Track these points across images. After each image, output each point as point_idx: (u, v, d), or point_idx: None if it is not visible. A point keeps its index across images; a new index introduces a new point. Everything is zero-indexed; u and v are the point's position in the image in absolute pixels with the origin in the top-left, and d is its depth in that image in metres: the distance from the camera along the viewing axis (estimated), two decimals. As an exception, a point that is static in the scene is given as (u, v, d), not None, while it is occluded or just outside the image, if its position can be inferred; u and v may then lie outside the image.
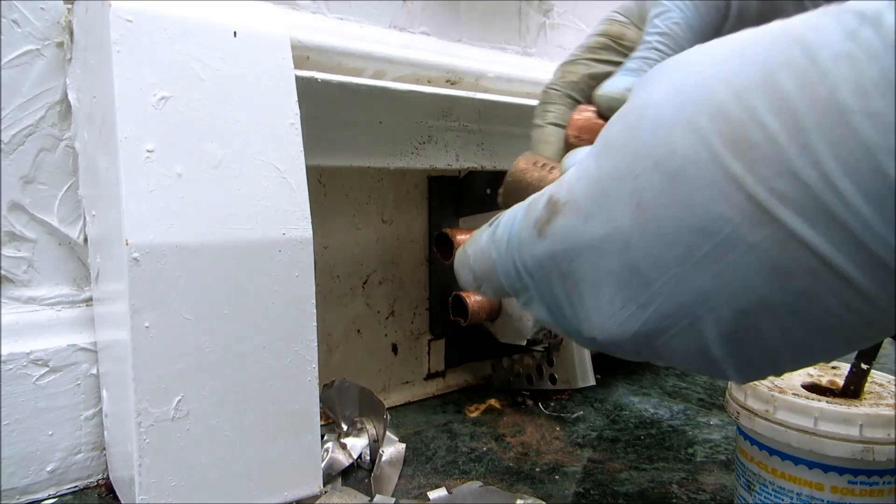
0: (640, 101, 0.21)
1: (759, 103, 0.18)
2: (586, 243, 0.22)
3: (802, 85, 0.17)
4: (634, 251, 0.21)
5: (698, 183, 0.19)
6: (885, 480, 0.33)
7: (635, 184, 0.20)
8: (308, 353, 0.39)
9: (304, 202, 0.40)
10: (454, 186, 0.66)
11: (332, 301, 0.60)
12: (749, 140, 0.18)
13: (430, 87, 0.52)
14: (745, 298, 0.19)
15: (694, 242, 0.19)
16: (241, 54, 0.38)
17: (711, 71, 0.19)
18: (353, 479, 0.47)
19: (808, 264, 0.18)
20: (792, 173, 0.17)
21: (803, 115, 0.17)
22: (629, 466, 0.50)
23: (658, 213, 0.20)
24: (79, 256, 0.46)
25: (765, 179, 0.18)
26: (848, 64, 0.17)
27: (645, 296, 0.21)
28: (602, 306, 0.23)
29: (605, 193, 0.22)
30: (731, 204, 0.18)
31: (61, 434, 0.44)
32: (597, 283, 0.23)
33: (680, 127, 0.19)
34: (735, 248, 0.19)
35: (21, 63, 0.43)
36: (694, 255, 0.20)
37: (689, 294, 0.20)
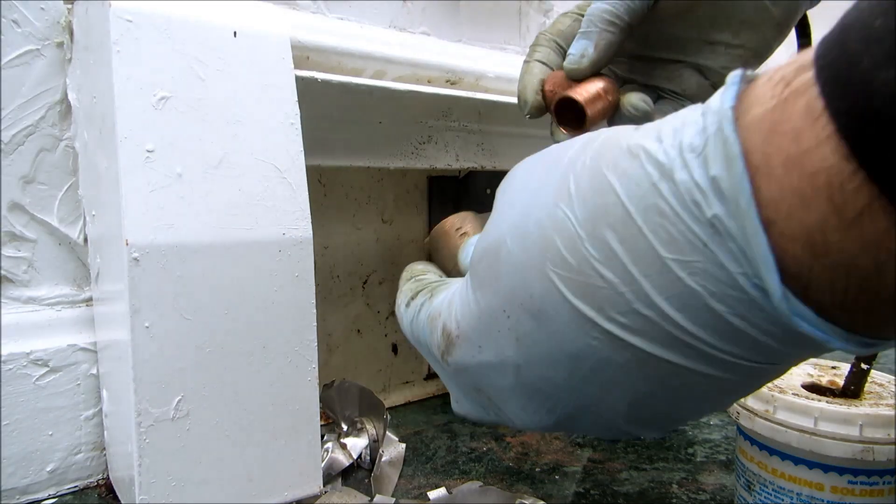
0: (494, 238, 0.24)
1: (592, 253, 0.20)
2: (485, 368, 0.25)
3: (623, 240, 0.19)
4: (526, 374, 0.23)
5: (559, 322, 0.21)
6: (885, 480, 0.33)
7: (509, 322, 0.23)
8: (308, 353, 0.39)
9: (304, 202, 0.40)
10: (454, 186, 0.66)
11: (332, 301, 0.60)
12: (591, 286, 0.20)
13: (430, 87, 0.52)
14: (633, 395, 0.22)
15: (574, 366, 0.22)
16: (241, 54, 0.38)
17: (546, 213, 0.22)
18: (353, 479, 0.47)
19: (673, 371, 0.20)
20: (635, 312, 0.20)
21: (631, 267, 0.19)
22: (629, 466, 0.50)
23: (535, 346, 0.23)
24: (79, 256, 0.46)
25: (613, 318, 0.20)
26: (658, 217, 0.19)
27: (548, 404, 0.24)
28: (517, 412, 0.25)
29: (487, 329, 0.24)
30: (592, 337, 0.21)
31: (61, 434, 0.44)
32: (505, 396, 0.25)
33: (532, 273, 0.22)
34: (608, 367, 0.21)
35: (21, 63, 0.43)
36: (577, 375, 0.22)
37: (586, 398, 0.23)
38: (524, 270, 0.22)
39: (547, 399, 0.24)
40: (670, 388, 0.21)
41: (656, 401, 0.22)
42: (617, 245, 0.20)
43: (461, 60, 0.56)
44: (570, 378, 0.22)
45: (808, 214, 0.17)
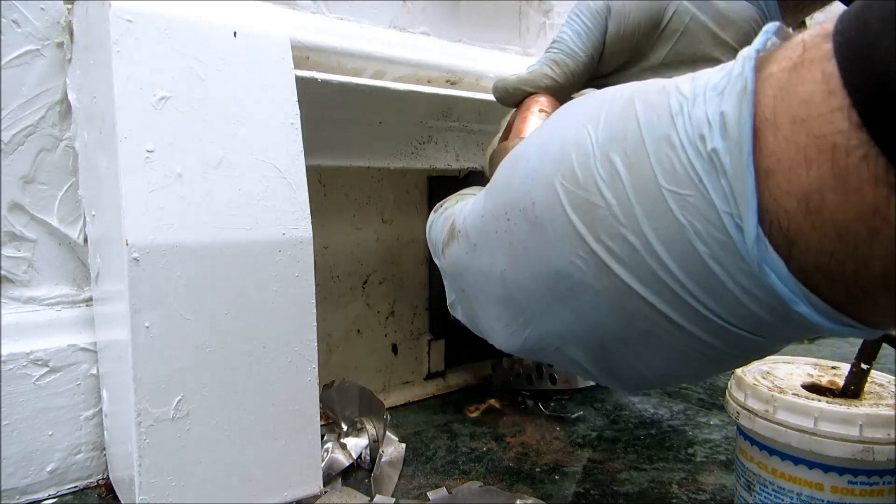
0: (521, 150, 0.24)
1: (600, 173, 0.21)
2: (474, 269, 0.26)
3: (631, 164, 0.20)
4: (510, 282, 0.24)
5: (552, 233, 0.22)
6: (885, 480, 0.33)
7: (507, 225, 0.24)
8: (308, 353, 0.39)
9: (304, 202, 0.40)
10: (454, 186, 0.65)
11: (332, 301, 0.60)
12: (591, 203, 0.21)
13: (430, 87, 0.52)
14: (601, 332, 0.22)
15: (554, 282, 0.22)
16: (241, 54, 0.38)
17: (574, 132, 0.22)
18: (353, 479, 0.47)
19: (644, 312, 0.21)
20: (622, 237, 0.20)
21: (630, 192, 0.20)
22: (629, 466, 0.50)
23: (524, 253, 0.23)
24: (79, 256, 0.46)
25: (602, 239, 0.21)
26: (667, 148, 0.19)
27: (522, 318, 0.25)
28: (493, 322, 0.26)
29: (486, 228, 0.25)
30: (578, 256, 0.21)
31: (61, 434, 0.44)
32: (486, 302, 0.26)
33: (541, 182, 0.22)
34: (585, 291, 0.22)
35: (21, 63, 0.43)
36: (554, 292, 0.23)
37: (556, 323, 0.23)
38: (535, 178, 0.23)
39: (521, 312, 0.24)
40: (639, 333, 0.21)
41: (621, 344, 0.22)
42: (623, 168, 0.20)
43: (461, 60, 0.56)
44: (547, 294, 0.23)
45: (808, 173, 0.17)
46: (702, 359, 0.22)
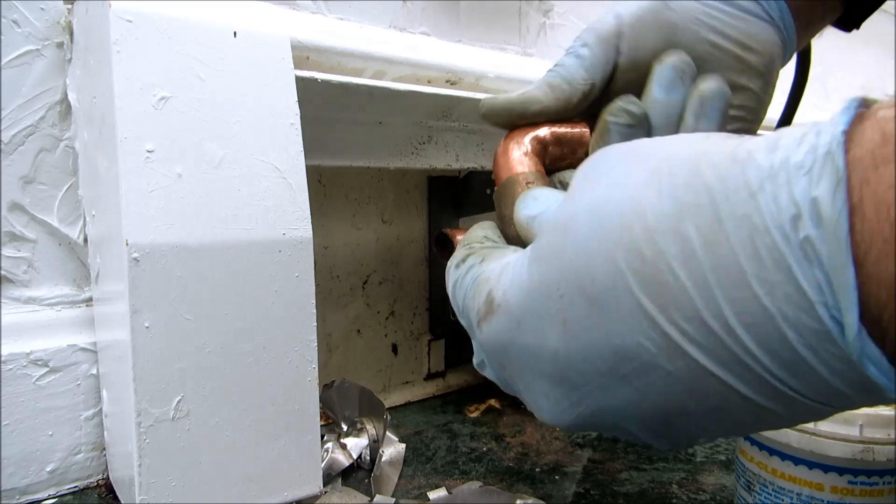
0: (567, 216, 0.23)
1: (670, 250, 0.19)
2: (518, 346, 0.24)
3: (707, 243, 0.19)
4: (563, 362, 0.22)
5: (616, 313, 0.20)
6: (885, 480, 0.33)
7: (560, 302, 0.22)
8: (308, 353, 0.39)
9: (304, 202, 0.40)
10: (454, 186, 0.65)
11: (332, 301, 0.60)
12: (661, 283, 0.19)
13: (430, 87, 0.52)
14: (666, 407, 0.21)
15: (616, 363, 0.21)
16: (241, 54, 0.38)
17: (630, 199, 0.21)
18: (353, 479, 0.47)
19: (719, 391, 0.20)
20: (700, 320, 0.19)
21: (708, 273, 0.19)
22: (629, 466, 0.50)
23: (582, 333, 0.21)
24: (79, 256, 0.46)
25: (675, 321, 0.19)
26: (749, 230, 0.18)
27: (575, 396, 0.23)
28: (539, 397, 0.24)
29: (534, 305, 0.23)
30: (647, 337, 0.20)
31: (61, 434, 0.44)
32: (531, 378, 0.24)
33: (600, 257, 0.21)
34: (654, 372, 0.20)
35: (21, 63, 0.43)
36: (616, 372, 0.21)
37: (615, 400, 0.22)
38: (592, 252, 0.21)
39: (574, 391, 0.23)
40: (708, 408, 0.21)
41: (686, 417, 0.21)
42: (699, 247, 0.19)
43: (461, 60, 0.56)
44: (607, 374, 0.21)
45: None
46: (759, 423, 0.21)
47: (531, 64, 0.65)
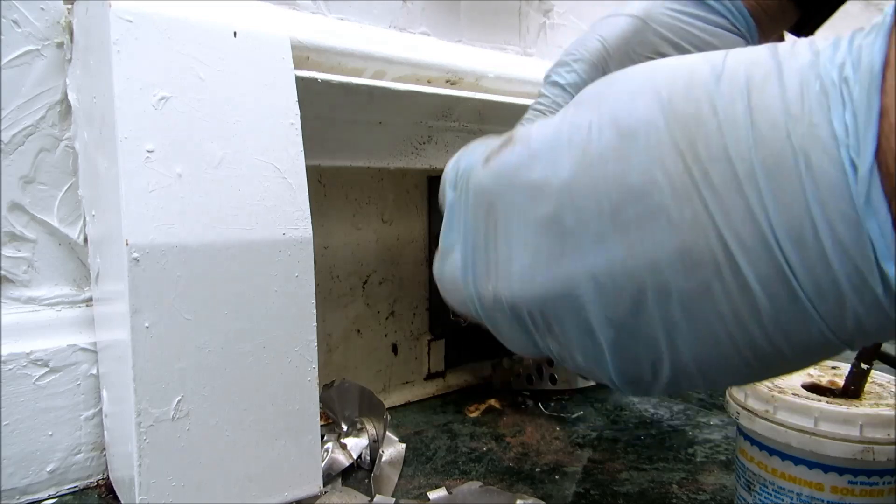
0: (617, 73, 0.22)
1: (718, 101, 0.19)
2: (522, 181, 0.22)
3: (756, 87, 0.19)
4: (566, 197, 0.21)
5: (644, 144, 0.19)
6: (885, 480, 0.33)
7: (589, 134, 0.21)
8: (308, 353, 0.39)
9: (304, 202, 0.40)
10: (454, 186, 0.65)
11: (332, 301, 0.60)
12: (699, 117, 0.19)
13: (430, 87, 0.52)
14: (647, 278, 0.20)
15: (621, 203, 0.20)
16: (241, 54, 0.38)
17: (682, 64, 0.21)
18: (353, 479, 0.47)
19: (714, 257, 0.19)
20: (727, 159, 0.18)
21: (744, 113, 0.18)
22: (629, 466, 0.50)
23: (599, 164, 0.20)
24: (79, 256, 0.46)
25: (700, 159, 0.19)
26: (799, 76, 0.18)
27: (560, 247, 0.21)
28: (514, 254, 0.23)
29: (557, 138, 0.22)
30: (666, 173, 0.19)
31: (61, 434, 0.44)
32: (518, 226, 0.22)
33: (646, 94, 0.20)
34: (657, 219, 0.19)
35: (21, 63, 0.43)
36: (619, 216, 0.20)
37: (599, 258, 0.20)
38: (638, 91, 0.21)
39: (564, 238, 0.21)
40: (692, 288, 0.19)
41: (663, 306, 0.20)
42: (745, 91, 0.19)
43: (461, 60, 0.56)
44: (608, 218, 0.20)
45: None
46: (730, 345, 0.20)
47: (531, 64, 0.65)
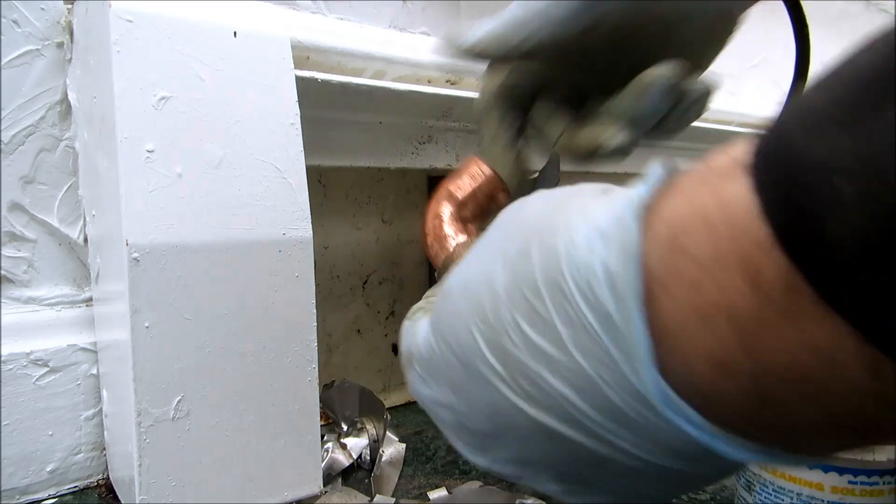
0: (447, 287, 0.25)
1: (508, 317, 0.20)
2: (427, 398, 0.26)
3: (532, 309, 0.20)
4: (458, 414, 0.24)
5: (481, 374, 0.22)
6: (885, 480, 0.33)
7: (446, 361, 0.24)
8: (308, 353, 0.39)
9: (304, 202, 0.40)
10: (454, 186, 0.65)
11: (332, 301, 0.60)
12: (504, 348, 0.20)
13: (430, 87, 0.52)
14: (551, 460, 0.22)
15: (493, 416, 0.22)
16: (241, 54, 0.38)
17: (484, 270, 0.22)
18: (353, 479, 0.47)
19: (581, 447, 0.20)
20: (538, 385, 0.20)
21: (537, 339, 0.19)
22: (629, 466, 0.50)
23: (463, 389, 0.23)
24: (79, 256, 0.46)
25: (519, 382, 0.20)
26: (560, 295, 0.19)
27: (478, 445, 0.24)
28: (461, 445, 0.26)
29: (432, 364, 0.25)
30: (502, 396, 0.21)
31: (61, 434, 0.44)
32: (443, 425, 0.26)
33: (462, 324, 0.22)
34: (519, 428, 0.21)
35: (21, 63, 0.43)
36: (497, 424, 0.22)
37: (510, 451, 0.23)
38: (458, 320, 0.23)
39: (475, 439, 0.24)
40: (587, 464, 0.20)
41: (579, 470, 0.21)
42: (527, 315, 0.20)
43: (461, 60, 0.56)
44: (493, 426, 0.22)
45: (707, 335, 0.16)
46: (661, 481, 0.21)
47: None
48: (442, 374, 0.24)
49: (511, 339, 0.20)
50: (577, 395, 0.19)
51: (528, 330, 0.20)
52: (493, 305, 0.21)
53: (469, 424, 0.24)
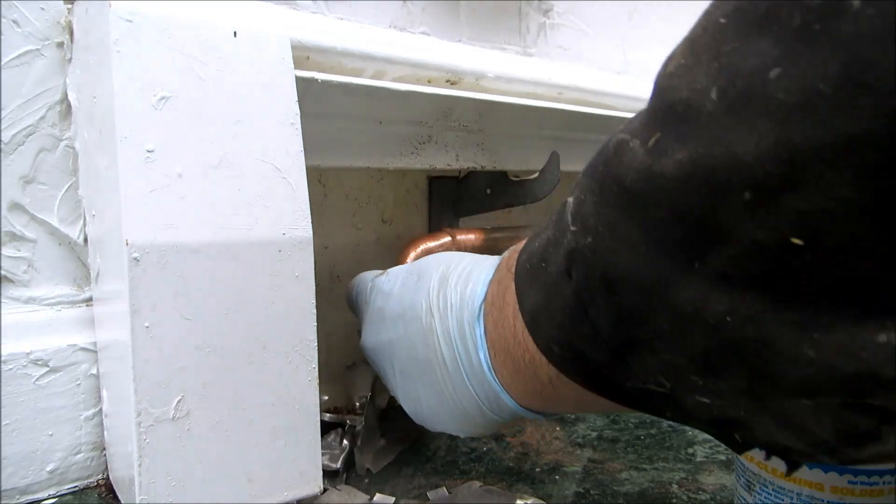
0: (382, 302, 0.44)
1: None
2: (378, 289, 0.45)
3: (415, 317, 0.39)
4: (390, 309, 0.42)
5: (412, 316, 0.40)
6: (884, 480, 0.33)
7: (395, 286, 0.43)
8: (308, 353, 0.39)
9: (304, 202, 0.40)
10: (454, 186, 0.65)
11: (332, 301, 0.60)
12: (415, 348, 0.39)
13: (430, 87, 0.52)
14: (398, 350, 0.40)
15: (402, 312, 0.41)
16: (241, 54, 0.38)
17: (394, 306, 0.42)
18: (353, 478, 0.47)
19: (425, 347, 0.38)
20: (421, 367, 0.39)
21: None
22: (629, 466, 0.50)
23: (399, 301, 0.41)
24: (79, 256, 0.46)
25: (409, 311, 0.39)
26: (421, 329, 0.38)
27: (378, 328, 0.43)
28: (364, 327, 0.46)
29: (391, 288, 0.43)
30: (416, 313, 0.39)
31: (61, 434, 0.44)
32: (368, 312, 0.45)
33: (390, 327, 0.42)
34: (406, 324, 0.40)
35: (21, 63, 0.43)
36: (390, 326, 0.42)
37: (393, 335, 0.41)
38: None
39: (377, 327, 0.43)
40: (434, 407, 0.38)
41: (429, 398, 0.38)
42: (426, 336, 0.38)
43: (461, 60, 0.56)
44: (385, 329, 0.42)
45: (506, 365, 0.33)
46: (453, 410, 0.37)
47: (531, 64, 0.65)
48: (379, 330, 0.42)
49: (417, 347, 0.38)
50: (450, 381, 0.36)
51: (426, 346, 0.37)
52: (411, 326, 0.38)
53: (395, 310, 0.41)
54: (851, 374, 0.17)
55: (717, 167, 0.18)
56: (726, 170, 0.18)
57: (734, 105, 0.17)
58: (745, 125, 0.17)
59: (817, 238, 0.17)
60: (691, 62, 0.19)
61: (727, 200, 0.18)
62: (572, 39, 0.76)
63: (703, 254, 0.19)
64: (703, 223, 0.19)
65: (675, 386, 0.23)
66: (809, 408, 0.19)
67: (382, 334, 0.41)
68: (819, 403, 0.19)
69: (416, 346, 0.37)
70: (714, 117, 0.18)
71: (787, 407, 0.20)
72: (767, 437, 0.22)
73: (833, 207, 0.16)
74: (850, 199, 0.16)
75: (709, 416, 0.23)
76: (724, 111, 0.18)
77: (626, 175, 0.21)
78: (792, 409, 0.20)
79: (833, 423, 0.19)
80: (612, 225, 0.22)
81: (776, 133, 0.17)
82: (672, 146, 0.19)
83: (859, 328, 0.17)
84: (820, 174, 0.16)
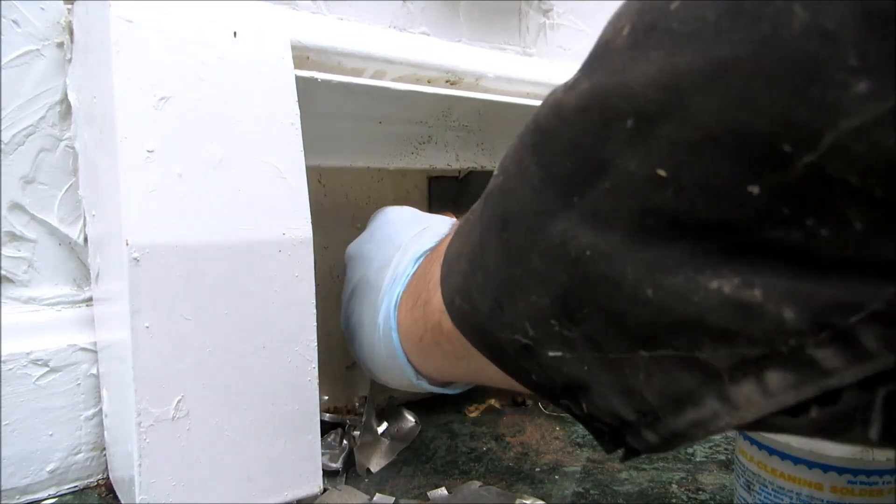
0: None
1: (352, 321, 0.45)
2: (357, 252, 0.49)
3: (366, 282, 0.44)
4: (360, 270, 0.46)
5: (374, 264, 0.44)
6: (884, 480, 0.33)
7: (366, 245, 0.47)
8: (308, 353, 0.39)
9: (304, 202, 0.40)
10: (454, 186, 0.65)
11: (332, 301, 0.60)
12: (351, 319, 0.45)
13: (430, 87, 0.52)
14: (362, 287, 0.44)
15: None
16: (241, 54, 0.38)
17: (366, 257, 0.46)
18: (353, 477, 0.47)
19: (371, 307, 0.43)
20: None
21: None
22: (629, 466, 0.50)
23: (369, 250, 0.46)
24: (79, 256, 0.46)
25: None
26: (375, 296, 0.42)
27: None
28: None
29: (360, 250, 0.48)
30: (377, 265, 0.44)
31: (61, 434, 0.44)
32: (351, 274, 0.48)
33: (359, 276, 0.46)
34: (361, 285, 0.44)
35: (21, 63, 0.43)
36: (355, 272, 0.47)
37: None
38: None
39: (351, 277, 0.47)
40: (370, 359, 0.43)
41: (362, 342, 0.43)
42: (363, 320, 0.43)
43: (461, 60, 0.56)
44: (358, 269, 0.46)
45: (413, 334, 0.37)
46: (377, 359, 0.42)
47: (531, 64, 0.65)
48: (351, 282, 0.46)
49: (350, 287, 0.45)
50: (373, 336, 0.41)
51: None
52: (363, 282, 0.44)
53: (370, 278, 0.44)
54: (682, 318, 0.17)
55: (609, 95, 0.18)
56: (617, 97, 0.18)
57: (638, 38, 0.18)
58: (642, 56, 0.17)
59: (679, 171, 0.17)
60: (623, 9, 0.20)
61: (613, 130, 0.18)
62: (572, 39, 0.76)
63: (585, 189, 0.19)
64: (590, 154, 0.19)
65: (536, 334, 0.23)
66: (644, 362, 0.19)
67: (363, 248, 0.46)
68: (654, 357, 0.19)
69: (369, 281, 0.42)
70: (620, 51, 0.18)
71: (626, 362, 0.20)
72: (605, 403, 0.22)
73: (696, 139, 0.16)
74: (711, 132, 0.16)
75: (563, 380, 0.23)
76: (630, 45, 0.18)
77: (539, 112, 0.22)
78: (630, 363, 0.20)
79: (660, 383, 0.19)
80: (520, 161, 0.22)
81: (663, 61, 0.17)
82: (581, 81, 0.20)
83: (697, 273, 0.17)
84: (691, 101, 0.16)
